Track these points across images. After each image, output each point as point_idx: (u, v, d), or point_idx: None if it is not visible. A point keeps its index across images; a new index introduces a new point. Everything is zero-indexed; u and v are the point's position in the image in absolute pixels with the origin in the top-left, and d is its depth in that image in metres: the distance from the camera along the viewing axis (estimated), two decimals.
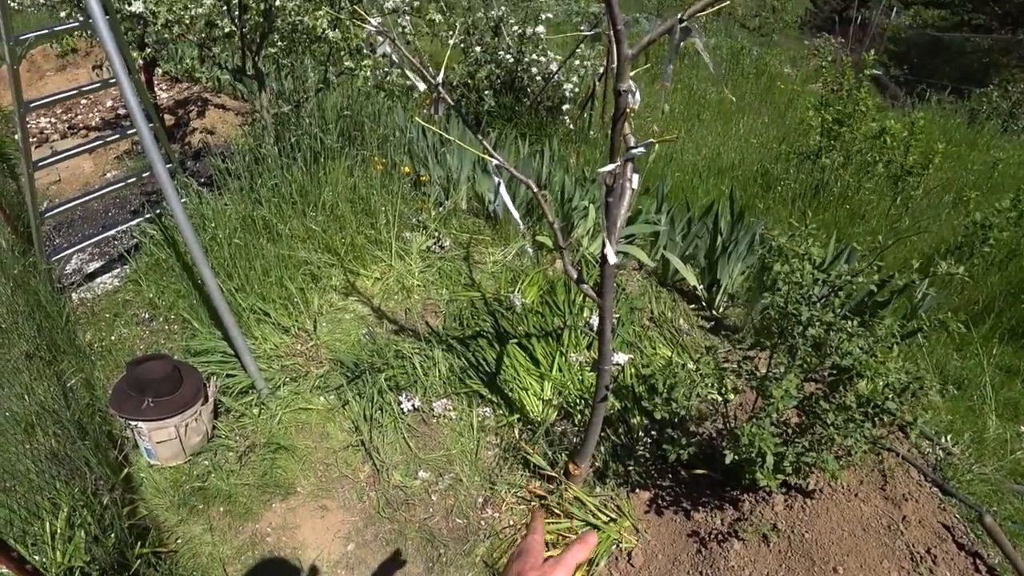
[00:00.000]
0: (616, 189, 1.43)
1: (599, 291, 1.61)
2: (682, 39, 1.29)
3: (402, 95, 3.93)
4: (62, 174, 4.54)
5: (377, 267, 3.43)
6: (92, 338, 3.01)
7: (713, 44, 12.66)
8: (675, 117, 7.00)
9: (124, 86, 2.05)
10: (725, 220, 3.81)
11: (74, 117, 5.67)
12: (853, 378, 1.61)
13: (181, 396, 2.31)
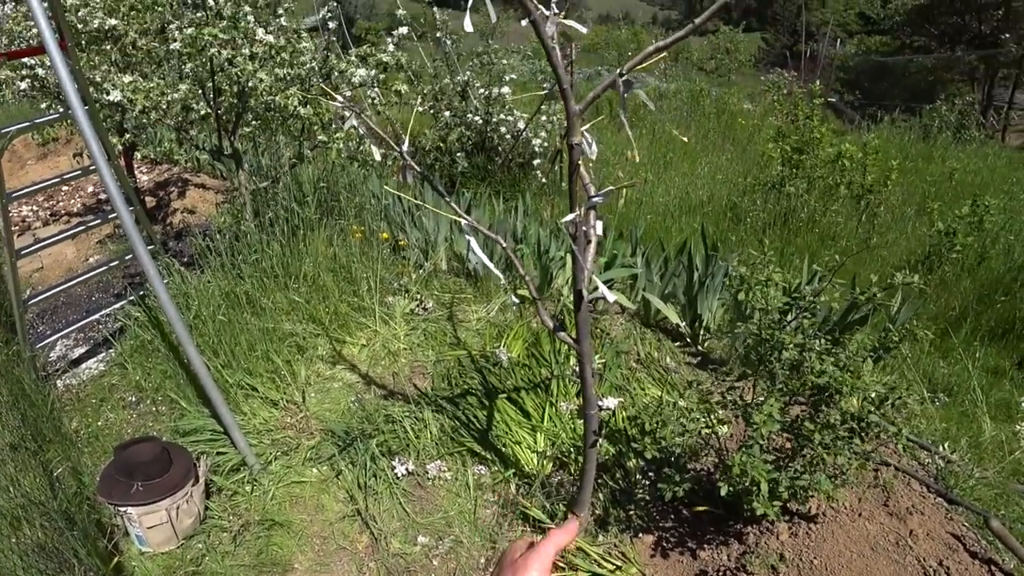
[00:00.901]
0: (580, 237, 1.48)
1: (576, 337, 1.64)
2: (626, 91, 1.37)
3: (376, 164, 4.04)
4: (45, 261, 4.56)
5: (362, 334, 3.44)
6: (79, 425, 2.96)
7: (674, 88, 13.18)
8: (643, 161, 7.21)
9: (104, 173, 2.10)
10: (699, 256, 3.90)
11: (56, 204, 5.72)
12: (833, 396, 1.63)
13: (171, 478, 2.27)
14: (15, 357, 3.00)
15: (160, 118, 3.00)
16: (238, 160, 3.28)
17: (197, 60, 2.68)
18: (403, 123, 7.07)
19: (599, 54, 28.43)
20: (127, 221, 2.10)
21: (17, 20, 3.56)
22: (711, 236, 4.83)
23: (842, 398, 1.61)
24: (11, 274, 2.78)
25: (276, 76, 2.88)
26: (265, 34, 2.71)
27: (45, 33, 1.94)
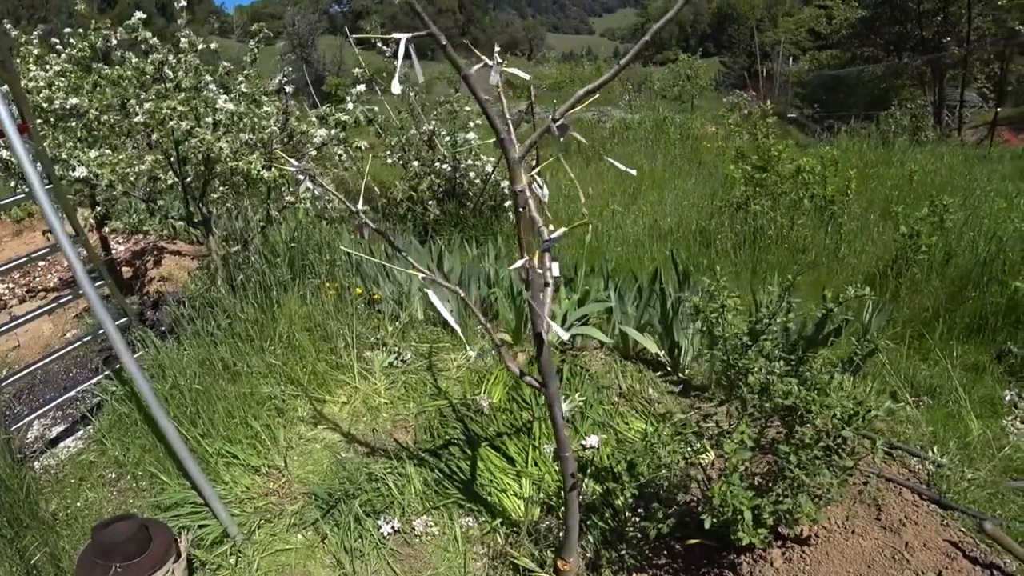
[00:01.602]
0: (534, 280, 1.50)
1: (542, 380, 1.64)
2: (561, 135, 1.40)
3: (346, 220, 4.07)
4: (22, 339, 4.48)
5: (342, 391, 3.40)
6: (57, 507, 2.87)
7: (638, 119, 13.51)
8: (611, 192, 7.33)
9: (66, 251, 2.10)
10: (671, 283, 3.94)
11: (32, 280, 5.66)
12: (803, 416, 1.63)
13: (150, 557, 2.20)
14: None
15: (128, 190, 3.01)
16: (207, 226, 3.29)
17: (159, 131, 2.71)
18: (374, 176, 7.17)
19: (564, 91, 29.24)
20: (92, 297, 2.08)
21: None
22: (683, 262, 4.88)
23: (813, 416, 1.61)
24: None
25: (241, 141, 2.92)
26: (226, 102, 2.75)
27: (4, 118, 1.95)
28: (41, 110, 3.16)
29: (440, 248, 4.44)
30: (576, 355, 3.61)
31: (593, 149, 11.07)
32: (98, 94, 3.12)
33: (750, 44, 24.84)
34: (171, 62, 2.77)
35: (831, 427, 1.61)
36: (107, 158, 2.88)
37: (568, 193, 6.90)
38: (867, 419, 1.63)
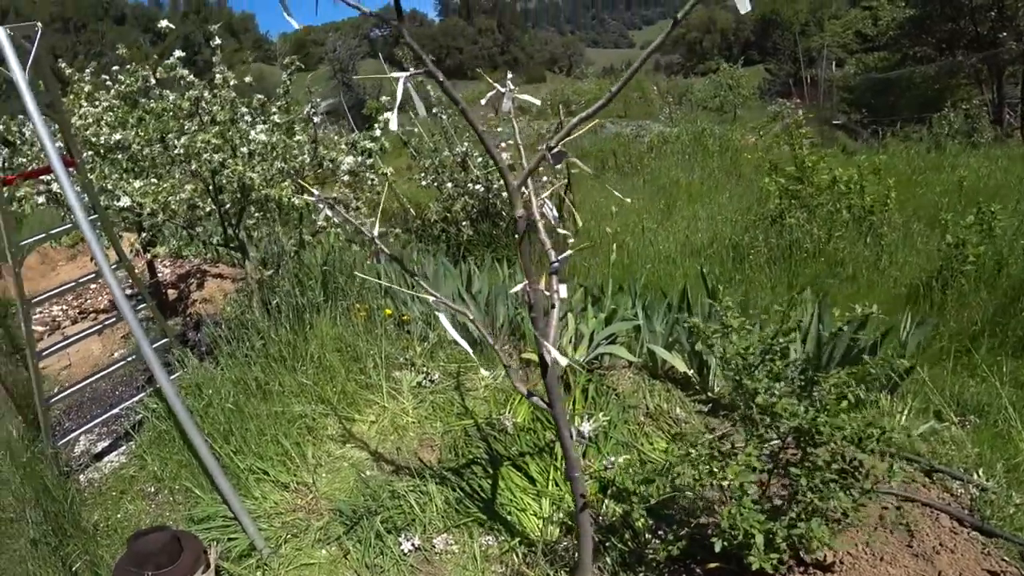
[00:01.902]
0: (538, 303, 1.56)
1: (548, 401, 1.69)
2: (557, 163, 1.47)
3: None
4: (72, 358, 4.78)
5: (371, 411, 3.51)
6: (99, 518, 3.06)
7: (676, 132, 13.46)
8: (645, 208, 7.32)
9: (107, 277, 2.27)
10: (701, 300, 3.93)
11: (84, 302, 6.03)
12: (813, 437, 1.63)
13: (180, 567, 2.32)
14: (40, 454, 3.14)
15: (169, 218, 3.23)
16: (243, 251, 3.48)
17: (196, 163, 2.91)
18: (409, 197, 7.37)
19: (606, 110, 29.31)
20: (130, 319, 2.25)
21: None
22: (715, 278, 4.86)
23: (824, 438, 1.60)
24: (34, 374, 2.95)
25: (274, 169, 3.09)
26: (258, 133, 2.93)
27: (51, 155, 2.14)
28: (90, 144, 3.42)
29: (470, 269, 4.54)
30: (604, 374, 3.63)
31: (630, 165, 11.09)
32: (143, 127, 3.38)
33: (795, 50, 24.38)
34: (206, 97, 2.98)
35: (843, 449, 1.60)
36: (150, 188, 3.10)
37: (601, 211, 6.93)
38: (882, 440, 1.61)
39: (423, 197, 7.81)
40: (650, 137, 13.44)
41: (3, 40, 2.10)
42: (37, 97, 2.16)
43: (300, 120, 3.47)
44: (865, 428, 1.54)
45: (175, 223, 3.43)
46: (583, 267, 5.21)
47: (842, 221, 5.28)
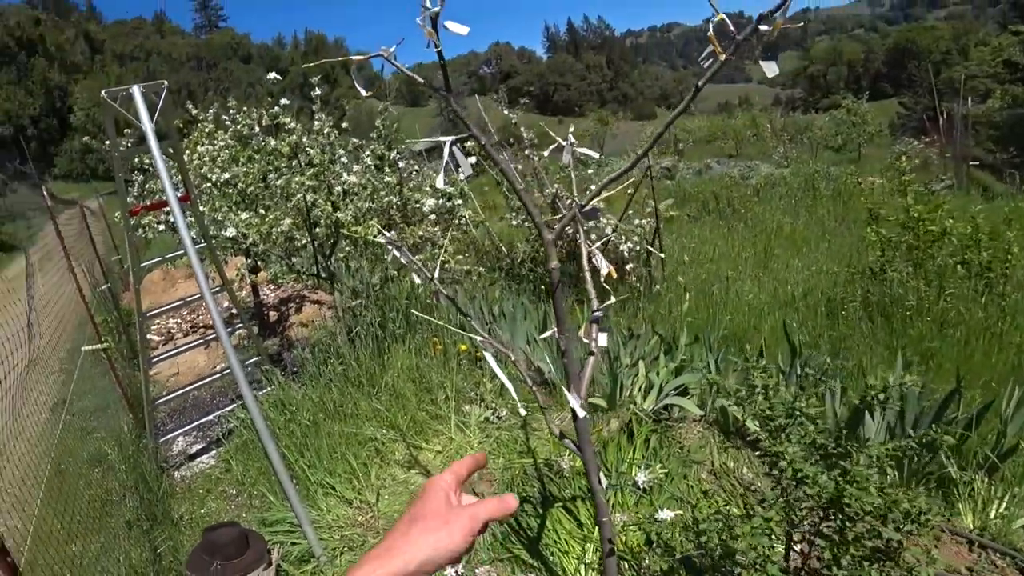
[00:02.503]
0: (570, 350, 1.70)
1: (578, 444, 1.80)
2: (591, 219, 1.61)
3: (462, 280, 4.51)
4: (181, 367, 5.43)
5: (438, 440, 3.74)
6: (185, 511, 3.49)
7: (787, 174, 13.05)
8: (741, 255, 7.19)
9: (207, 300, 2.66)
10: (783, 356, 3.86)
11: (196, 317, 6.81)
12: (843, 509, 1.62)
13: (245, 560, 2.62)
14: (143, 449, 3.64)
15: (269, 248, 3.68)
16: (332, 281, 3.86)
17: (293, 200, 3.33)
18: (501, 236, 7.70)
19: (715, 145, 28.72)
20: (223, 337, 2.61)
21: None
22: (808, 333, 4.72)
23: (855, 512, 1.60)
24: (144, 378, 3.44)
25: (363, 208, 3.46)
26: (350, 175, 3.31)
27: (168, 192, 2.58)
28: (205, 179, 4.00)
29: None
30: (671, 426, 3.65)
31: (732, 208, 10.89)
32: (251, 166, 3.90)
33: (934, 81, 22.70)
34: (304, 143, 3.42)
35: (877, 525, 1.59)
36: (254, 220, 3.57)
37: (693, 256, 6.90)
38: (922, 522, 1.59)
39: (515, 236, 8.11)
40: (757, 179, 13.14)
41: (137, 96, 2.59)
42: (161, 143, 2.62)
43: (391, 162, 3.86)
44: (891, 505, 1.52)
45: (275, 252, 3.89)
46: (661, 314, 5.23)
47: (955, 277, 4.93)
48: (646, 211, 6.63)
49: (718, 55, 1.32)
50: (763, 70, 1.37)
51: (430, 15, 1.36)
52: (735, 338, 4.53)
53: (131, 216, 3.30)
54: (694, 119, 35.25)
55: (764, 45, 1.32)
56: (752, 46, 1.32)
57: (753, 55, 1.36)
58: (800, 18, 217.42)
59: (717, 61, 1.33)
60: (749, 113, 33.36)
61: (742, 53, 1.36)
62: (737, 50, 1.32)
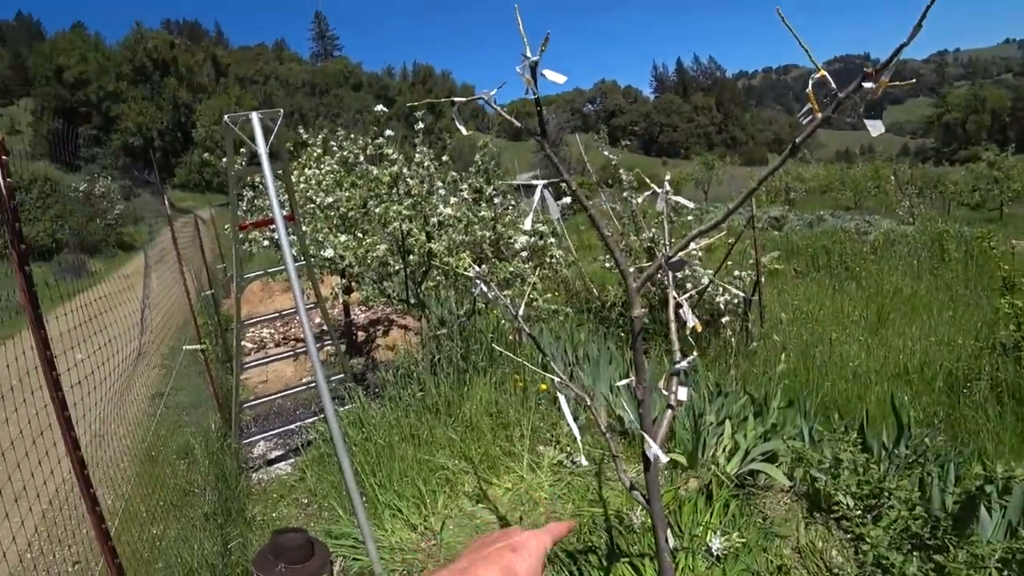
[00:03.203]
0: (646, 401, 1.74)
1: (647, 497, 1.82)
2: (677, 270, 1.66)
3: (548, 318, 4.61)
4: (270, 375, 5.82)
5: (509, 478, 3.80)
6: (258, 512, 3.75)
7: (911, 231, 12.31)
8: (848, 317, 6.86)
9: (301, 316, 2.89)
10: (888, 432, 3.66)
11: (289, 330, 7.27)
12: None
13: (309, 567, 2.78)
14: (227, 448, 3.94)
15: (363, 271, 3.94)
16: (422, 309, 4.07)
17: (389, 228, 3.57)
18: (593, 277, 7.76)
19: (831, 195, 27.48)
20: (312, 352, 2.82)
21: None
22: (919, 409, 4.45)
23: None
24: (235, 382, 3.75)
25: (456, 240, 3.65)
26: (445, 207, 3.52)
27: (276, 212, 2.85)
28: (310, 201, 4.36)
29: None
30: (755, 493, 3.53)
31: (844, 266, 10.41)
32: (353, 191, 4.22)
33: None
34: (405, 174, 3.68)
35: None
36: (352, 243, 3.85)
37: (793, 314, 6.67)
38: None
39: (607, 279, 8.14)
40: (876, 235, 12.49)
41: (255, 122, 2.90)
42: (273, 165, 2.92)
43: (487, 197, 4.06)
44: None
45: (369, 275, 4.16)
46: (755, 372, 5.08)
47: None
48: (748, 262, 6.49)
49: (815, 114, 1.35)
50: (869, 129, 1.38)
51: (529, 64, 1.48)
52: (835, 406, 4.33)
53: (240, 230, 3.65)
54: (808, 167, 33.95)
55: (867, 103, 1.32)
56: (855, 103, 1.33)
57: (856, 113, 1.37)
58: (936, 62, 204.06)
59: (816, 119, 1.36)
60: (872, 163, 31.78)
61: (844, 110, 1.38)
62: (839, 108, 1.34)
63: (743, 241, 6.57)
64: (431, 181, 3.68)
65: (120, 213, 24.68)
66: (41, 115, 62.30)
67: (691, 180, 35.81)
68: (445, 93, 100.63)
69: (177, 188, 57.97)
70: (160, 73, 68.38)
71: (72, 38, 68.38)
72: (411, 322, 6.88)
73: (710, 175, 35.01)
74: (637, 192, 6.57)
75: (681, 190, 39.14)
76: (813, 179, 30.16)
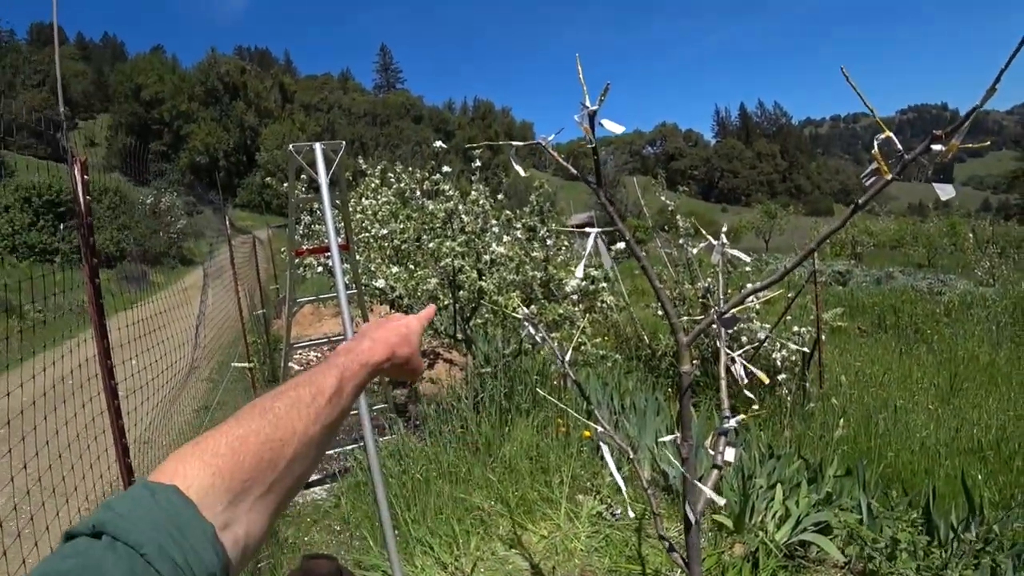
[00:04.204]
0: (691, 459, 1.72)
1: (687, 560, 1.79)
2: (728, 326, 1.65)
3: (596, 363, 4.61)
4: None
5: (545, 525, 3.76)
6: (291, 534, 3.81)
7: (992, 293, 11.77)
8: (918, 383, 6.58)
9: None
10: (957, 511, 3.48)
11: None
12: None
13: None
14: None
15: (413, 303, 4.04)
16: (469, 346, 4.13)
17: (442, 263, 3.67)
18: (645, 324, 7.70)
19: (902, 250, 26.54)
20: None
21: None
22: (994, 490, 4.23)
23: None
24: None
25: (507, 280, 3.72)
26: (498, 245, 3.60)
27: (332, 240, 2.97)
28: (363, 230, 4.51)
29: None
30: (805, 566, 3.40)
31: (914, 327, 10.03)
32: (407, 224, 4.36)
33: None
34: (460, 211, 3.78)
35: None
36: (403, 274, 3.96)
37: (855, 376, 6.44)
38: None
39: (659, 327, 8.05)
40: (951, 295, 12.00)
41: (318, 152, 3.06)
42: (331, 194, 3.05)
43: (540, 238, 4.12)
44: None
45: (418, 307, 4.26)
46: (811, 436, 4.92)
47: None
48: (809, 318, 6.34)
49: (883, 174, 1.34)
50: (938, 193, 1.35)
51: (588, 112, 1.53)
52: (898, 479, 4.15)
53: (296, 256, 3.81)
54: (878, 220, 32.96)
55: (936, 166, 1.30)
56: (923, 166, 1.31)
57: (924, 176, 1.35)
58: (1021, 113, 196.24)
59: (881, 180, 1.35)
60: (948, 218, 30.64)
61: (911, 174, 1.37)
62: (904, 171, 1.33)
63: (804, 295, 6.43)
64: (485, 219, 3.78)
65: (182, 228, 25.97)
66: (117, 131, 66.72)
67: (752, 228, 35.27)
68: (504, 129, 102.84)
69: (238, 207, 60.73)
70: (230, 96, 72.56)
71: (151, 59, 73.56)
72: (457, 357, 6.95)
73: (772, 224, 34.44)
74: (694, 240, 6.52)
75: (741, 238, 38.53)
76: (883, 233, 29.25)
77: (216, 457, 0.58)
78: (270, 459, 0.62)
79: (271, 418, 0.65)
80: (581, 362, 4.44)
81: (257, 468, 0.60)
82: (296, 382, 0.73)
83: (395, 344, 0.89)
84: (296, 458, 0.65)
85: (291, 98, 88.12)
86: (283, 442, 0.64)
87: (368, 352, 0.84)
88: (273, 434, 0.64)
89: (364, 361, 0.82)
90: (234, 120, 70.60)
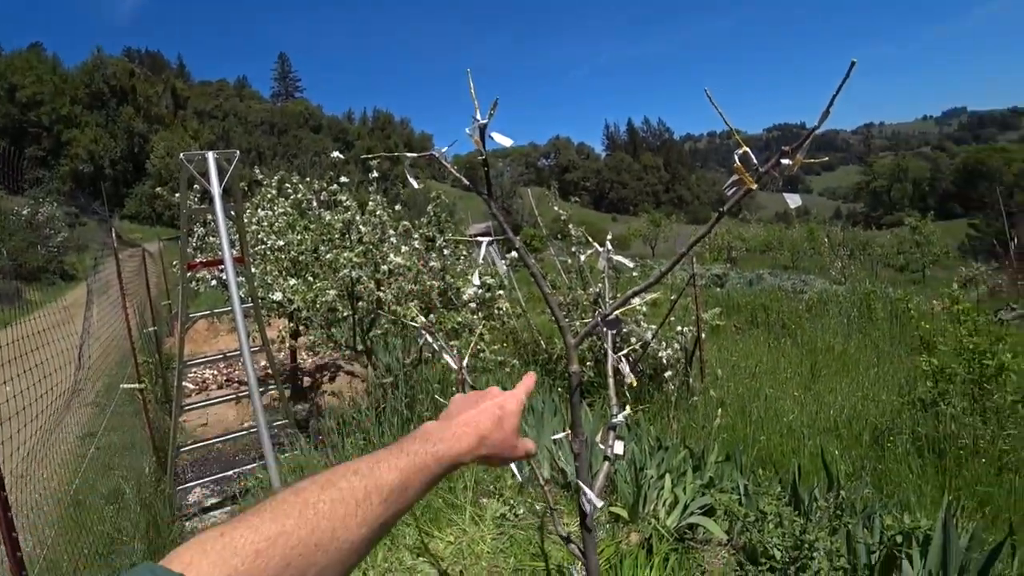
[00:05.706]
0: (583, 455, 1.76)
1: (583, 551, 1.82)
2: (613, 328, 1.70)
3: (494, 370, 4.61)
4: (210, 418, 5.60)
5: (451, 531, 3.72)
6: None
7: (843, 290, 12.88)
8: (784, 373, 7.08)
9: (245, 360, 2.84)
10: (819, 486, 3.76)
11: (232, 372, 7.04)
12: None
13: None
14: (161, 493, 3.74)
15: (311, 315, 3.89)
16: (368, 357, 4.02)
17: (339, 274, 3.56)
18: (542, 330, 7.81)
19: (770, 254, 28.64)
20: (254, 396, 2.76)
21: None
22: (850, 463, 4.58)
23: None
24: (172, 424, 3.60)
25: (405, 289, 3.66)
26: (396, 255, 3.54)
27: (225, 253, 2.83)
28: (259, 242, 4.31)
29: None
30: (694, 547, 3.55)
31: (781, 323, 10.79)
32: (305, 235, 4.21)
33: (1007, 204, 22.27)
34: (357, 221, 3.70)
35: None
36: (300, 287, 3.81)
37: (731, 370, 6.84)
38: None
39: (556, 331, 8.18)
40: (810, 294, 13.01)
41: (211, 162, 2.91)
42: (225, 205, 2.91)
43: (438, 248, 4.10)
44: None
45: (317, 320, 4.11)
46: (694, 427, 5.17)
47: (1016, 417, 4.72)
48: (691, 317, 6.66)
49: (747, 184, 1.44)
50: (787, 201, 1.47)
51: (479, 125, 1.54)
52: (770, 460, 4.43)
53: (188, 269, 3.57)
54: (749, 227, 35.35)
55: (791, 175, 1.42)
56: (774, 179, 1.43)
57: (776, 186, 1.46)
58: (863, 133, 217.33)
59: (741, 189, 1.44)
60: (808, 224, 33.30)
61: (765, 184, 1.48)
62: (760, 180, 1.43)
63: (686, 297, 6.75)
64: (383, 229, 3.71)
65: (63, 241, 23.68)
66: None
67: (639, 236, 36.83)
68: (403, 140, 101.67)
69: (126, 219, 56.25)
70: (117, 101, 67.10)
71: (28, 57, 66.67)
72: (358, 369, 6.77)
73: (657, 232, 36.15)
74: (584, 247, 6.68)
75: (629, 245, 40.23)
76: (754, 239, 31.39)
77: (236, 557, 0.53)
78: (299, 566, 0.55)
79: (311, 515, 0.57)
80: (480, 368, 4.44)
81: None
82: (356, 467, 0.65)
83: (486, 431, 0.75)
84: (330, 564, 0.57)
85: (184, 104, 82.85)
86: (318, 547, 0.56)
87: (450, 442, 0.72)
88: (308, 538, 0.56)
89: (442, 455, 0.70)
90: (121, 126, 65.27)
